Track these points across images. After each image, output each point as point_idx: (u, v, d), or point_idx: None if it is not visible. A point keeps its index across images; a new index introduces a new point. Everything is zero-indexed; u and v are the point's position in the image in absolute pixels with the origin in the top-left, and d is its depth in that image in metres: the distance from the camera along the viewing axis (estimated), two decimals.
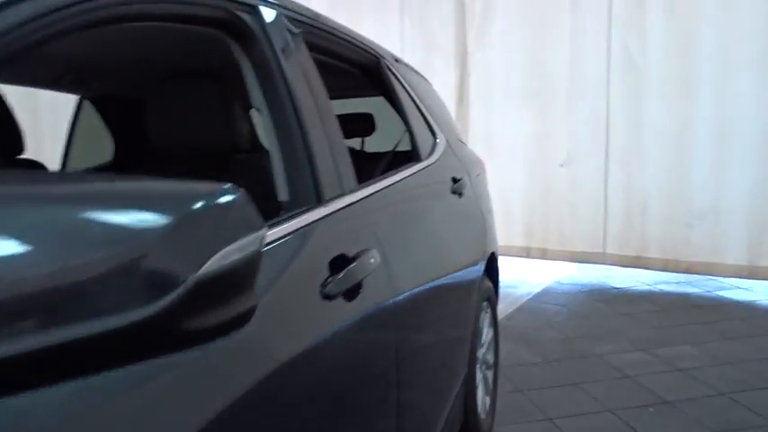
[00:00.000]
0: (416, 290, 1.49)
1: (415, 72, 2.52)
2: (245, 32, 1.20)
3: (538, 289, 4.61)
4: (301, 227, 1.07)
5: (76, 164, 2.88)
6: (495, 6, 5.13)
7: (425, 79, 2.69)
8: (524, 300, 4.32)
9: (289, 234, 1.02)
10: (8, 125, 1.74)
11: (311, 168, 1.21)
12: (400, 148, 2.38)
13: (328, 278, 1.03)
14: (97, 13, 0.81)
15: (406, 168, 1.79)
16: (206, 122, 1.55)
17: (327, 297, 1.01)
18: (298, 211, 1.13)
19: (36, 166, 1.99)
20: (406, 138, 2.11)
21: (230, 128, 1.51)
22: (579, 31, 4.82)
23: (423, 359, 1.56)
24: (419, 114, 2.18)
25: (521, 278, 4.84)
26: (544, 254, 5.10)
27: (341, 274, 1.05)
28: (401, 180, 1.66)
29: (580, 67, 4.84)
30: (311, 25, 1.50)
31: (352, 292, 1.09)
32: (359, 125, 2.67)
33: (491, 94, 5.28)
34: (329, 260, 1.07)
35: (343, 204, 1.26)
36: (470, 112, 5.39)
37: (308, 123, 1.24)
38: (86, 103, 2.78)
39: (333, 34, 1.66)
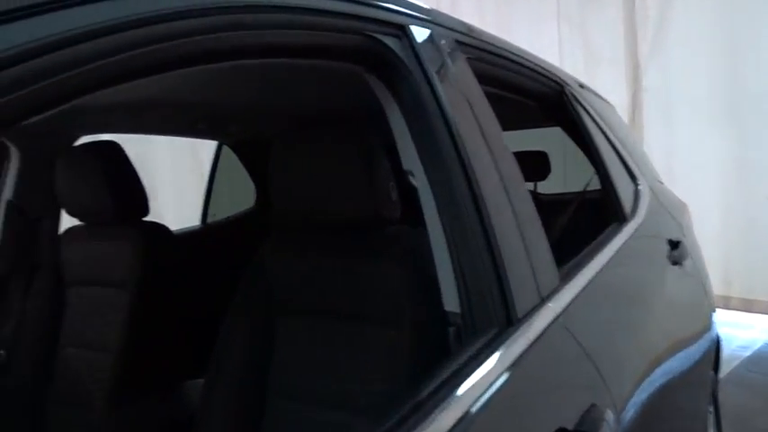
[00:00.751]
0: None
1: (600, 97, 2.00)
2: (391, 64, 0.81)
3: (748, 351, 3.72)
4: (490, 383, 0.63)
5: (219, 211, 2.81)
6: (675, 4, 4.32)
7: (610, 104, 2.15)
8: (733, 366, 3.47)
9: (471, 407, 0.58)
10: (131, 185, 1.52)
11: (494, 265, 0.77)
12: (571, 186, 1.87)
13: None
14: (200, 44, 0.58)
15: (612, 238, 1.27)
16: (340, 182, 1.17)
17: None
18: (478, 344, 0.69)
19: (162, 230, 1.77)
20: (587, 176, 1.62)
21: (372, 191, 1.11)
22: None
23: None
24: (615, 155, 1.66)
25: (721, 332, 3.95)
26: (748, 306, 4.17)
27: None
28: (611, 260, 1.15)
29: None
30: (478, 48, 1.08)
31: None
32: (531, 167, 2.17)
33: (671, 112, 4.47)
34: None
35: (547, 322, 0.80)
36: (645, 135, 4.62)
37: (486, 195, 0.81)
38: (226, 149, 2.68)
39: (505, 58, 1.23)
